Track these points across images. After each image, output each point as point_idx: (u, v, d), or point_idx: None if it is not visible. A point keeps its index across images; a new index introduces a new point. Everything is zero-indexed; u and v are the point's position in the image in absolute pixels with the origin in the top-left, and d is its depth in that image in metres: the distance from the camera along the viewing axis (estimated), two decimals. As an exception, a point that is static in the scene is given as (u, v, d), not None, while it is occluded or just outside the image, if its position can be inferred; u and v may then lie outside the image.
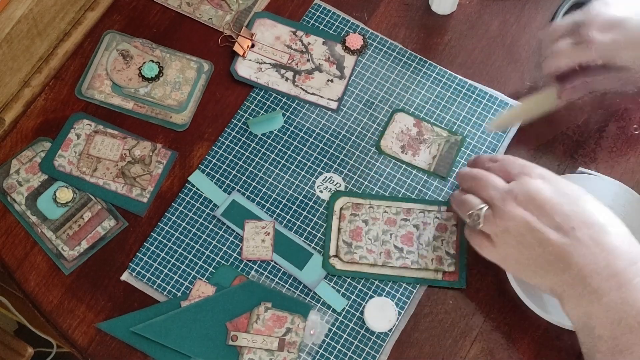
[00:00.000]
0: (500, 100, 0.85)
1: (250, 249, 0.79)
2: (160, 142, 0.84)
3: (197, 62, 0.87)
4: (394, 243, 0.78)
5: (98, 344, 0.76)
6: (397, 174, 0.82)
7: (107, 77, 0.86)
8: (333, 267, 0.78)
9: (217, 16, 0.90)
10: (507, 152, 0.83)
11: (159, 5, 0.91)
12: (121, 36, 0.88)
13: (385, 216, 0.79)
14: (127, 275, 0.78)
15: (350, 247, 0.78)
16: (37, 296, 0.78)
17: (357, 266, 0.78)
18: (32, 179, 0.82)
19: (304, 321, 0.75)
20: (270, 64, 0.87)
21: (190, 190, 0.81)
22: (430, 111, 0.85)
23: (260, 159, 0.83)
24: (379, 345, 0.75)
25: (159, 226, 0.80)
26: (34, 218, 0.80)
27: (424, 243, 0.78)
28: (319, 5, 0.90)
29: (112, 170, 0.82)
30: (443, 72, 0.87)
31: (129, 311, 0.77)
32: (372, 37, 0.88)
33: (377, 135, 0.84)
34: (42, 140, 0.84)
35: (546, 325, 0.75)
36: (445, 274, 0.77)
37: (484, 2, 0.90)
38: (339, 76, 0.86)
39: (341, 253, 0.78)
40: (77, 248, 0.79)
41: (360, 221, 0.79)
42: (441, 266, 0.77)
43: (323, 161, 0.83)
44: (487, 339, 0.76)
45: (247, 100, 0.86)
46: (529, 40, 0.88)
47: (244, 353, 0.74)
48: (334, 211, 0.80)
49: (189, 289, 0.77)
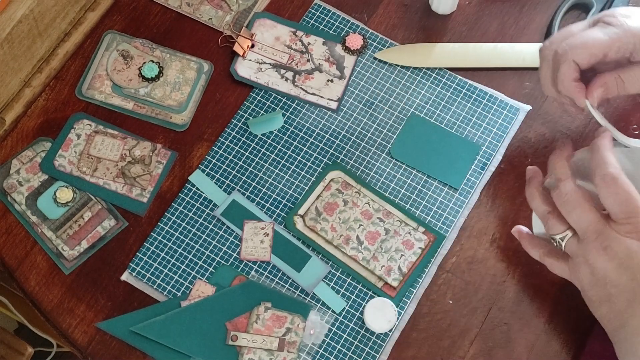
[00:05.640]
0: (500, 101, 0.85)
1: (248, 250, 0.79)
2: (160, 142, 0.84)
3: (197, 63, 0.87)
4: (358, 234, 0.79)
5: (98, 344, 0.76)
6: (400, 176, 0.82)
7: (108, 77, 0.86)
8: (293, 225, 0.79)
9: (217, 16, 0.90)
10: (506, 152, 0.83)
11: (159, 6, 0.91)
12: (121, 36, 0.88)
13: (365, 207, 0.80)
14: (127, 275, 0.78)
15: (318, 216, 0.79)
16: (37, 295, 0.78)
17: (314, 235, 0.79)
18: (32, 178, 0.82)
19: (303, 321, 0.76)
20: (270, 64, 0.87)
21: (190, 191, 0.82)
22: (430, 111, 0.85)
23: (260, 159, 0.83)
24: (379, 345, 0.75)
25: (159, 226, 0.80)
26: (34, 218, 0.80)
27: (383, 248, 0.78)
28: (319, 6, 0.90)
29: (112, 170, 0.82)
30: (443, 72, 0.87)
31: (128, 311, 0.77)
32: (372, 37, 0.88)
33: (377, 135, 0.84)
34: (42, 140, 0.84)
35: (544, 326, 0.76)
36: (386, 286, 0.77)
37: (483, 4, 0.91)
38: (339, 76, 0.86)
39: (307, 216, 0.79)
40: (77, 248, 0.79)
41: (341, 199, 0.80)
42: (386, 277, 0.77)
43: (323, 161, 0.83)
44: (486, 339, 0.76)
45: (247, 101, 0.86)
46: (528, 41, 0.88)
47: (243, 353, 0.74)
48: (323, 178, 0.81)
49: (188, 289, 0.77)
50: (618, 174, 0.65)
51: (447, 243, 0.79)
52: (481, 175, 0.82)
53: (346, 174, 0.82)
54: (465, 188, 0.81)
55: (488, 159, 0.83)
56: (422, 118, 0.85)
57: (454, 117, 0.85)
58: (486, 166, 0.82)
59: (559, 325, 0.76)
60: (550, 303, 0.77)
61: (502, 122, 0.84)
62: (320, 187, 0.81)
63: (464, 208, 0.81)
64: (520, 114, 0.85)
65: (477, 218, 0.80)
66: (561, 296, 0.77)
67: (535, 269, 0.77)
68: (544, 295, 0.77)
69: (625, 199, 0.65)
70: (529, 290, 0.77)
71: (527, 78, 0.87)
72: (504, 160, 0.83)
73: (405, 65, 0.87)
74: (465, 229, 0.80)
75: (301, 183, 0.82)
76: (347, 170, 0.82)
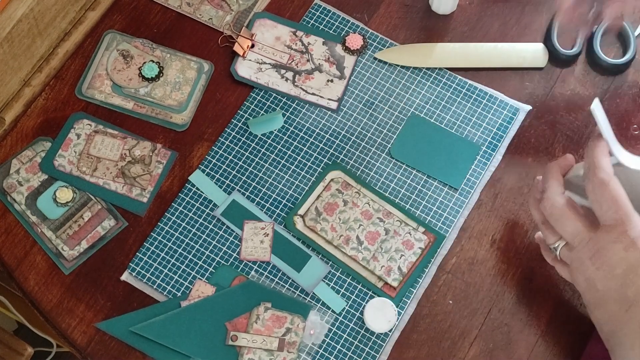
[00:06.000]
0: (500, 101, 0.85)
1: (248, 250, 0.79)
2: (160, 142, 0.84)
3: (197, 62, 0.87)
4: (358, 234, 0.78)
5: (97, 344, 0.76)
6: (400, 176, 0.82)
7: (108, 77, 0.86)
8: (293, 225, 0.79)
9: (218, 16, 0.90)
10: (506, 152, 0.83)
11: (159, 6, 0.91)
12: (121, 36, 0.88)
13: (365, 207, 0.80)
14: (126, 275, 0.78)
15: (318, 216, 0.79)
16: (36, 295, 0.78)
17: (314, 235, 0.79)
18: (32, 178, 0.82)
19: (303, 321, 0.75)
20: (271, 64, 0.87)
21: (190, 191, 0.81)
22: (430, 111, 0.85)
23: (260, 159, 0.83)
24: (379, 345, 0.75)
25: (158, 226, 0.80)
26: (33, 218, 0.80)
27: (383, 248, 0.78)
28: (319, 6, 0.90)
29: (112, 170, 0.82)
30: (443, 73, 0.87)
31: (128, 311, 0.77)
32: (372, 37, 0.88)
33: (377, 135, 0.84)
34: (42, 140, 0.84)
35: (545, 327, 0.76)
36: (386, 286, 0.77)
37: (484, 4, 0.91)
38: (339, 76, 0.86)
39: (307, 217, 0.79)
40: (77, 248, 0.79)
41: (341, 200, 0.80)
42: (386, 277, 0.77)
43: (323, 161, 0.83)
44: (486, 340, 0.76)
45: (247, 101, 0.86)
46: (529, 41, 0.88)
47: (243, 353, 0.74)
48: (323, 178, 0.81)
49: (188, 289, 0.77)
50: (609, 179, 0.65)
51: (447, 243, 0.79)
52: (481, 175, 0.82)
53: (346, 174, 0.81)
54: (465, 188, 0.81)
55: (488, 159, 0.83)
56: (422, 118, 0.85)
57: (454, 117, 0.84)
58: (486, 166, 0.82)
59: (559, 327, 0.76)
60: (550, 305, 0.77)
61: (502, 122, 0.84)
62: (320, 187, 0.81)
63: (464, 208, 0.80)
64: (520, 114, 0.85)
65: (478, 218, 0.80)
66: (562, 298, 0.77)
67: (536, 271, 0.77)
68: (544, 297, 0.77)
69: (613, 204, 0.64)
70: (530, 292, 0.77)
71: (527, 78, 0.87)
72: (504, 160, 0.83)
73: (405, 65, 0.87)
74: (465, 230, 0.80)
75: (301, 183, 0.82)
76: (347, 170, 0.82)
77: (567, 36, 0.88)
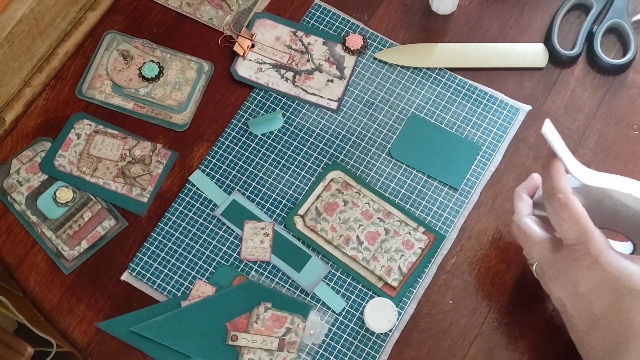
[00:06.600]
0: (500, 101, 0.85)
1: (248, 250, 0.79)
2: (161, 142, 0.84)
3: (197, 63, 0.87)
4: (358, 234, 0.79)
5: (98, 344, 0.76)
6: (400, 176, 0.82)
7: (108, 77, 0.86)
8: (293, 225, 0.79)
9: (218, 16, 0.90)
10: (506, 152, 0.83)
11: (159, 6, 0.91)
12: (122, 36, 0.88)
13: (365, 207, 0.80)
14: (127, 275, 0.78)
15: (318, 216, 0.79)
16: (37, 295, 0.78)
17: (314, 235, 0.79)
18: (32, 178, 0.82)
19: (303, 321, 0.75)
20: (271, 64, 0.87)
21: (190, 191, 0.82)
22: (430, 111, 0.85)
23: (260, 159, 0.83)
24: (379, 345, 0.75)
25: (159, 226, 0.80)
26: (34, 218, 0.80)
27: (383, 248, 0.78)
28: (319, 6, 0.90)
29: (112, 170, 0.82)
30: (443, 73, 0.87)
31: (128, 311, 0.77)
32: (372, 37, 0.88)
33: (377, 135, 0.84)
34: (42, 140, 0.84)
35: (545, 325, 0.76)
36: (386, 286, 0.77)
37: (483, 4, 0.91)
38: (339, 76, 0.86)
39: (307, 217, 0.79)
40: (77, 248, 0.79)
41: (341, 199, 0.80)
42: (386, 277, 0.77)
43: (323, 161, 0.83)
44: (486, 340, 0.76)
45: (247, 101, 0.86)
46: (528, 41, 0.88)
47: (243, 353, 0.74)
48: (324, 178, 0.81)
49: (188, 289, 0.77)
50: (566, 199, 0.65)
51: (447, 243, 0.79)
52: (481, 175, 0.82)
53: (346, 174, 0.82)
54: (465, 188, 0.81)
55: (488, 159, 0.83)
56: (422, 118, 0.85)
57: (454, 117, 0.85)
58: (486, 166, 0.82)
59: (559, 326, 0.76)
60: (551, 304, 0.77)
61: (502, 122, 0.84)
62: (320, 187, 0.81)
63: (464, 208, 0.81)
64: (520, 114, 0.85)
65: (478, 218, 0.80)
66: (561, 296, 0.77)
67: (536, 270, 0.77)
68: (544, 296, 0.77)
69: (574, 224, 0.64)
70: (530, 291, 0.77)
71: (527, 78, 0.87)
72: (504, 160, 0.83)
73: (405, 65, 0.87)
74: (465, 229, 0.80)
75: (301, 183, 0.82)
76: (347, 170, 0.82)
77: (567, 36, 0.88)
